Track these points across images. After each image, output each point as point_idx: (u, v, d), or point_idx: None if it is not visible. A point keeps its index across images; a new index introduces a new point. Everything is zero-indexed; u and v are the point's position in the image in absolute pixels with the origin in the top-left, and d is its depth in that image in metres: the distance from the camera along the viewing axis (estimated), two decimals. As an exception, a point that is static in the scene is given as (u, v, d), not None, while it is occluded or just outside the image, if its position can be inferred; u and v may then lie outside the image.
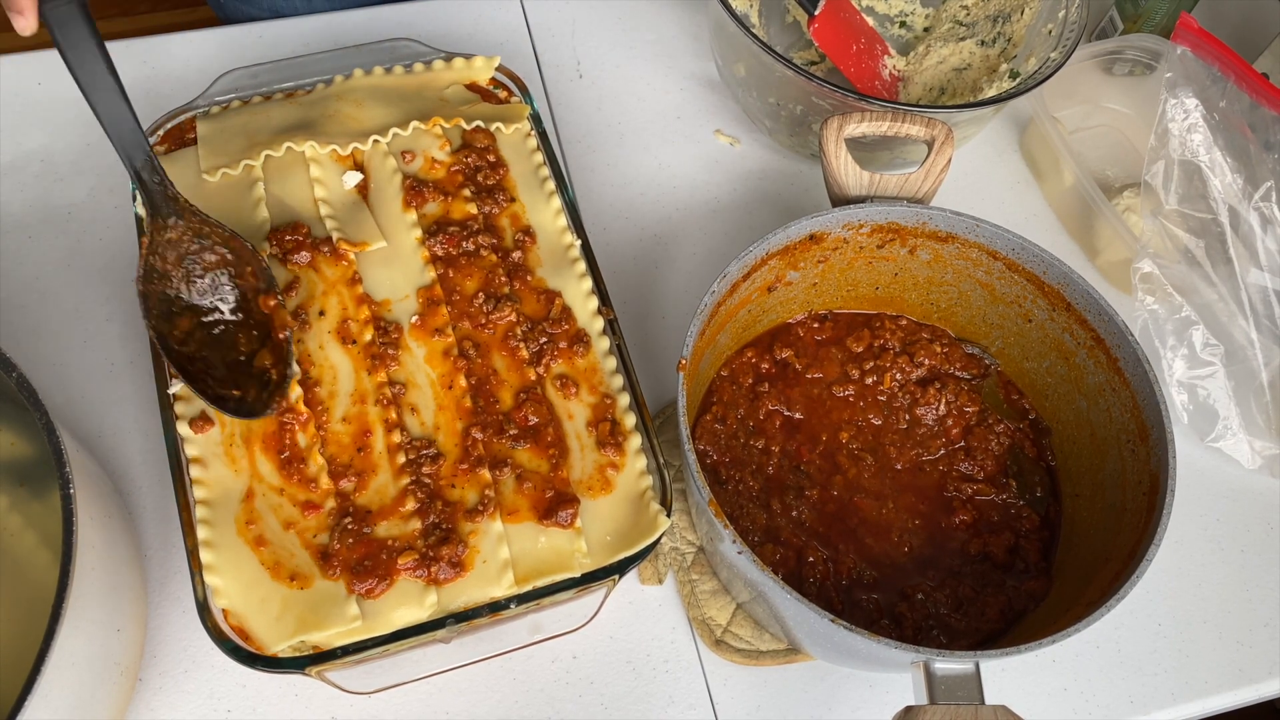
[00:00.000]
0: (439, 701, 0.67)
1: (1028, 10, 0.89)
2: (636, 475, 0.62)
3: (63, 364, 0.76)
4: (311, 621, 0.56)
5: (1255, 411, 0.80)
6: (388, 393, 0.62)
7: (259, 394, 0.60)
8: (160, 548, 0.70)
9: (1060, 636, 0.57)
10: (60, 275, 0.79)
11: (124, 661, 0.60)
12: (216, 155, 0.69)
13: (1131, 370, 0.68)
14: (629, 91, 0.95)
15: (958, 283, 0.77)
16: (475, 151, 0.72)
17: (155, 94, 0.88)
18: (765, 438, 0.74)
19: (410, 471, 0.60)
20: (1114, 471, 0.69)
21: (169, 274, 0.62)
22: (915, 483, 0.74)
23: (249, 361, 0.61)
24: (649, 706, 0.69)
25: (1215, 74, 0.81)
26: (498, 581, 0.58)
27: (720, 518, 0.59)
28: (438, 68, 0.76)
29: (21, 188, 0.82)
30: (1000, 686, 0.72)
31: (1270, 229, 0.78)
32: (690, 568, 0.73)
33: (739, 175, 0.91)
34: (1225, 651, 0.75)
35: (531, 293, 0.67)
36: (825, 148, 0.72)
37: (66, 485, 0.54)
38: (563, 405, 0.64)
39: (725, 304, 0.69)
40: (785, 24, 0.97)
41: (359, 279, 0.66)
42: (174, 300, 0.61)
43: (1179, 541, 0.79)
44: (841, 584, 0.69)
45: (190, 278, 0.62)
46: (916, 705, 0.55)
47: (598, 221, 0.87)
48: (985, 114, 0.81)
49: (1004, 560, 0.70)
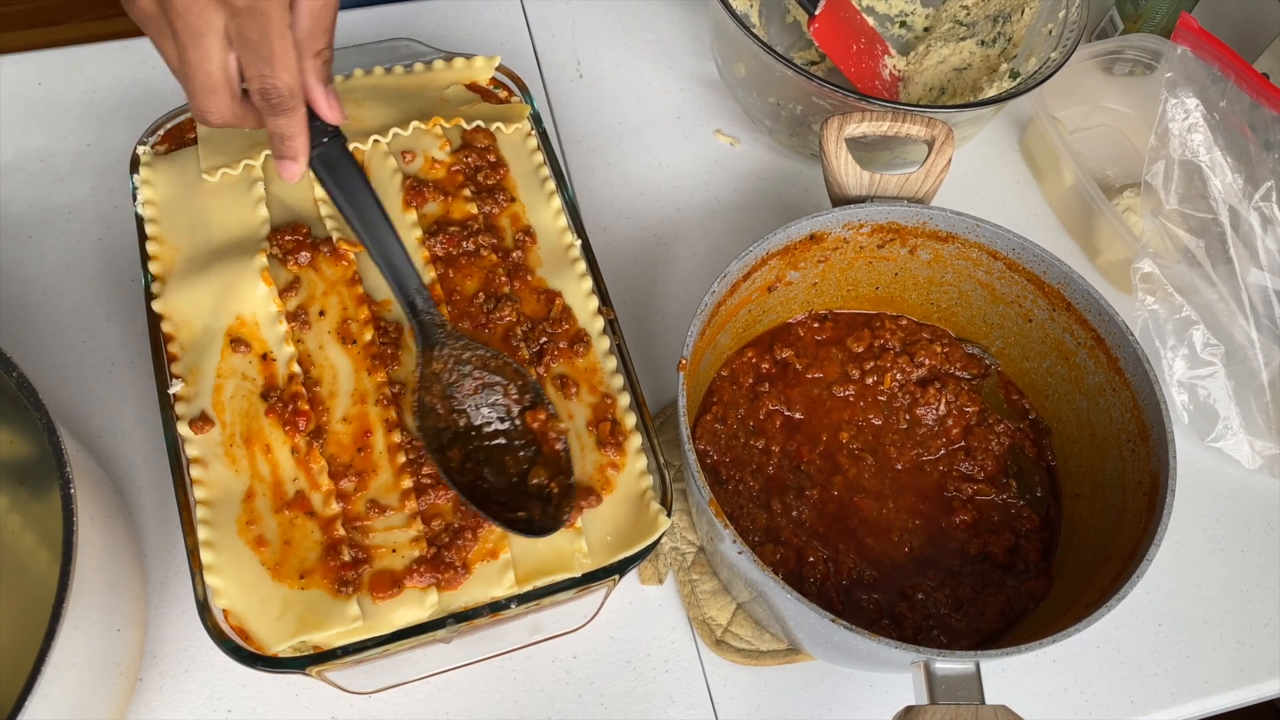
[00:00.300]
0: (439, 701, 0.67)
1: (1028, 10, 0.89)
2: (637, 475, 0.62)
3: (63, 364, 0.76)
4: (312, 621, 0.56)
5: (1255, 411, 0.80)
6: (388, 392, 0.62)
7: (544, 510, 0.59)
8: (160, 548, 0.70)
9: (1060, 636, 0.57)
10: (60, 275, 0.79)
11: (124, 661, 0.60)
12: (216, 155, 0.69)
13: (1132, 370, 0.68)
14: (629, 91, 0.95)
15: (958, 283, 0.77)
16: (475, 151, 0.71)
17: (155, 94, 0.88)
18: (765, 438, 0.74)
19: (411, 471, 0.60)
20: (1114, 471, 0.69)
21: (434, 407, 0.61)
22: (915, 483, 0.74)
23: (523, 481, 0.60)
24: (649, 706, 0.69)
25: (1215, 74, 0.81)
26: (498, 581, 0.58)
27: (720, 518, 0.59)
28: (438, 68, 0.76)
29: (21, 188, 0.82)
30: (1000, 686, 0.72)
31: (1270, 229, 0.78)
32: (690, 568, 0.73)
33: (739, 175, 0.91)
34: (1225, 651, 0.75)
35: (531, 293, 0.67)
36: (825, 148, 0.72)
37: (67, 485, 0.54)
38: (563, 405, 0.64)
39: (725, 304, 0.69)
40: (785, 24, 0.97)
41: (359, 279, 0.66)
42: (441, 433, 0.61)
43: (1179, 541, 0.79)
44: (842, 584, 0.69)
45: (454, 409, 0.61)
46: (917, 705, 0.55)
47: (598, 221, 0.87)
48: (985, 114, 0.81)
49: (1004, 560, 0.70)
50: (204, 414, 0.61)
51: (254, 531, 0.58)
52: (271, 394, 0.61)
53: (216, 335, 0.63)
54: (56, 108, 0.86)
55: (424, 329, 0.62)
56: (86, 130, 0.85)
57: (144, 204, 0.67)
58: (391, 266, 0.61)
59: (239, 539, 0.58)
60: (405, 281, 0.62)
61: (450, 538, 0.58)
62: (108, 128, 0.86)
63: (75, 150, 0.84)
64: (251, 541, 0.58)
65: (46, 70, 0.88)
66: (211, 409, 0.61)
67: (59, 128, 0.85)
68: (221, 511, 0.58)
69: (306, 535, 0.58)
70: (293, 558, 0.57)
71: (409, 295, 0.62)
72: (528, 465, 0.61)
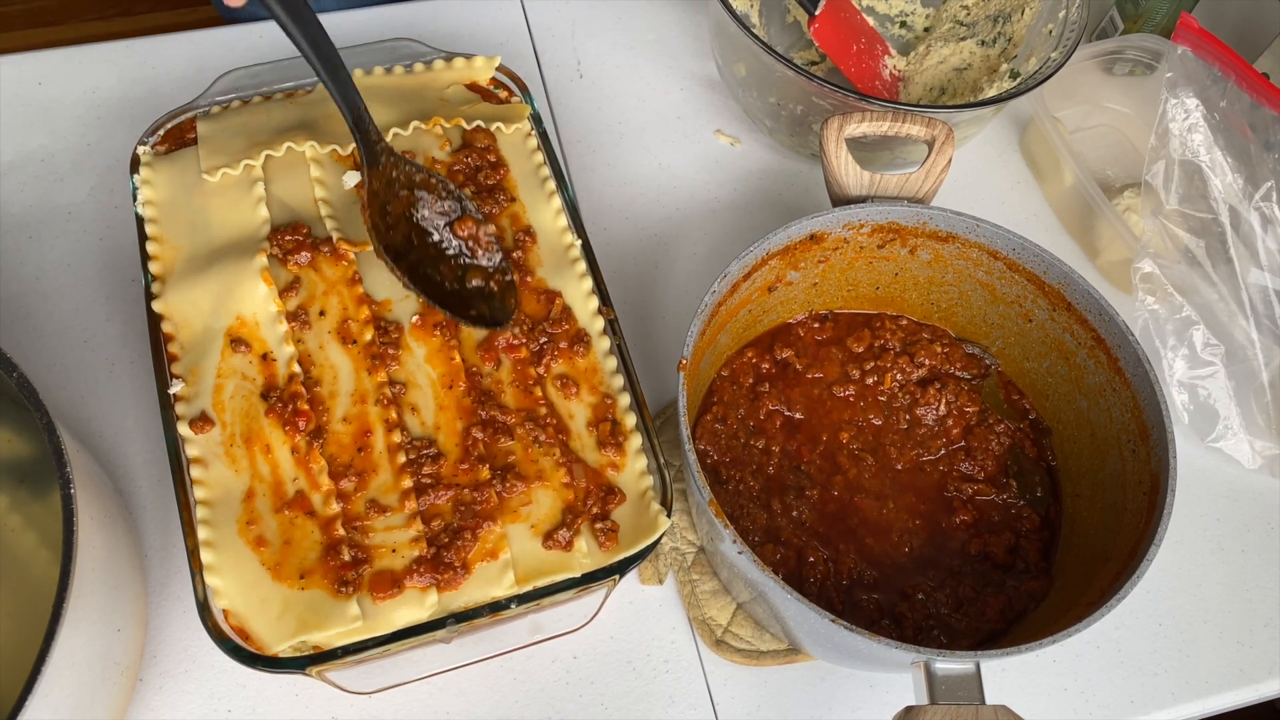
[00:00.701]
0: (439, 701, 0.67)
1: (1028, 10, 0.89)
2: (637, 475, 0.62)
3: (63, 364, 0.76)
4: (312, 621, 0.56)
5: (1255, 411, 0.80)
6: (388, 392, 0.62)
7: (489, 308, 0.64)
8: (160, 548, 0.70)
9: (1060, 636, 0.57)
10: (60, 275, 0.79)
11: (124, 661, 0.60)
12: (217, 155, 0.69)
13: (1132, 370, 0.68)
14: (629, 91, 0.95)
15: (958, 283, 0.77)
16: (475, 151, 0.71)
17: (155, 94, 0.88)
18: (765, 438, 0.74)
19: (411, 471, 0.60)
20: (1114, 471, 0.69)
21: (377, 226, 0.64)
22: (915, 483, 0.74)
23: (463, 286, 0.65)
24: (649, 706, 0.69)
25: (1215, 74, 0.81)
26: (498, 582, 0.58)
27: (720, 518, 0.59)
28: (438, 68, 0.76)
29: (21, 188, 0.82)
30: (1000, 686, 0.72)
31: (1271, 229, 0.78)
32: (690, 568, 0.73)
33: (739, 175, 0.91)
34: (1225, 651, 0.75)
35: (531, 293, 0.67)
36: (825, 148, 0.72)
37: (67, 485, 0.54)
38: (563, 405, 0.64)
39: (726, 304, 0.69)
40: (785, 24, 0.97)
41: (359, 279, 0.66)
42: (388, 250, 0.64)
43: (1179, 541, 0.79)
44: (842, 584, 0.69)
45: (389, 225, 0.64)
46: (917, 705, 0.55)
47: (598, 221, 0.87)
48: (985, 114, 0.81)
49: (1004, 560, 0.70)
50: (204, 414, 0.61)
51: (254, 531, 0.58)
52: (271, 394, 0.61)
53: (216, 335, 0.63)
54: (56, 108, 0.86)
55: (368, 148, 0.64)
56: (86, 130, 0.85)
57: (144, 204, 0.67)
58: (339, 83, 0.63)
59: (239, 539, 0.58)
60: (353, 100, 0.64)
61: (450, 538, 0.58)
62: (108, 128, 0.86)
63: (75, 150, 0.84)
64: (251, 541, 0.58)
65: (46, 70, 0.88)
66: (211, 409, 0.61)
67: (59, 128, 0.85)
68: (221, 511, 0.58)
69: (306, 535, 0.58)
70: (293, 558, 0.57)
71: (356, 113, 0.64)
72: (462, 272, 0.64)
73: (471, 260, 0.65)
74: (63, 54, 0.89)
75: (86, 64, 0.89)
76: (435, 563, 0.58)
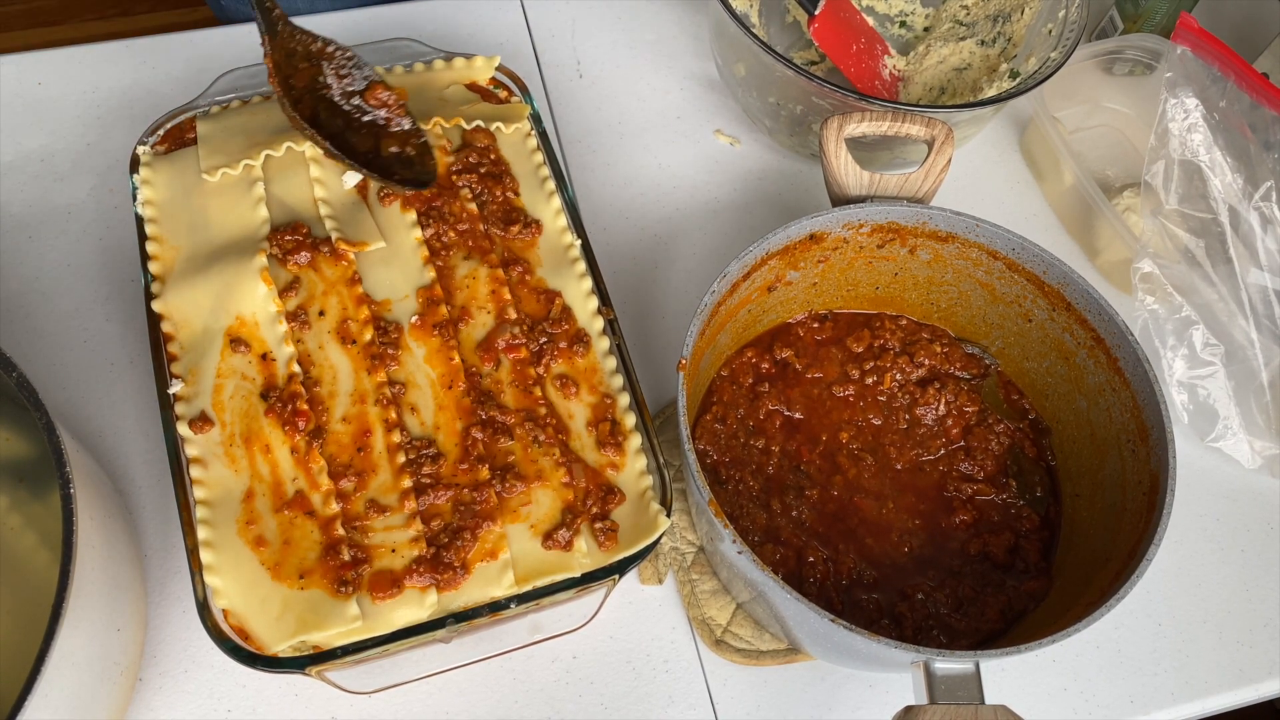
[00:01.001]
0: (439, 701, 0.67)
1: (1028, 10, 0.89)
2: (637, 475, 0.62)
3: (63, 364, 0.76)
4: (312, 621, 0.56)
5: (1255, 411, 0.80)
6: (388, 393, 0.62)
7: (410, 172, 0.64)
8: (160, 548, 0.70)
9: (1060, 636, 0.57)
10: (60, 275, 0.79)
11: (124, 661, 0.60)
12: (216, 155, 0.69)
13: (1131, 370, 0.68)
14: (629, 91, 0.95)
15: (958, 282, 0.77)
16: (475, 151, 0.71)
17: (155, 94, 0.88)
18: (765, 438, 0.74)
19: (410, 471, 0.60)
20: (1114, 471, 0.69)
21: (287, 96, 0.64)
22: (915, 483, 0.74)
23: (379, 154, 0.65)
24: (649, 706, 0.69)
25: (1215, 74, 0.81)
26: (498, 581, 0.58)
27: (720, 517, 0.59)
28: (438, 67, 0.76)
29: (21, 188, 0.82)
30: (1000, 686, 0.72)
31: (1270, 229, 0.78)
32: (690, 567, 0.73)
33: (739, 175, 0.91)
34: (1225, 651, 0.75)
35: (531, 292, 0.67)
36: (825, 148, 0.72)
37: (66, 485, 0.54)
38: (563, 405, 0.64)
39: (725, 304, 0.69)
40: (785, 24, 0.97)
41: (359, 279, 0.66)
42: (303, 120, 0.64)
43: (1179, 541, 0.79)
44: (841, 584, 0.69)
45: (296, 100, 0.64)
46: (916, 705, 0.55)
47: (598, 221, 0.87)
48: (985, 114, 0.81)
49: (1004, 560, 0.70)
50: (204, 414, 0.61)
51: (254, 531, 0.58)
52: (271, 394, 0.61)
53: (216, 335, 0.63)
54: (56, 108, 0.86)
55: (264, 15, 0.64)
56: (86, 130, 0.85)
57: (144, 204, 0.67)
58: None
59: (239, 539, 0.58)
60: None
61: (449, 538, 0.58)
62: (108, 128, 0.86)
63: (75, 150, 0.84)
64: (251, 541, 0.58)
65: (46, 70, 0.88)
66: (211, 409, 0.61)
67: (59, 128, 0.85)
68: (221, 511, 0.58)
69: (306, 535, 0.58)
70: (292, 558, 0.57)
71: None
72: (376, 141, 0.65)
73: (384, 128, 0.65)
74: (63, 54, 0.89)
75: (86, 64, 0.89)
76: (435, 563, 0.58)
